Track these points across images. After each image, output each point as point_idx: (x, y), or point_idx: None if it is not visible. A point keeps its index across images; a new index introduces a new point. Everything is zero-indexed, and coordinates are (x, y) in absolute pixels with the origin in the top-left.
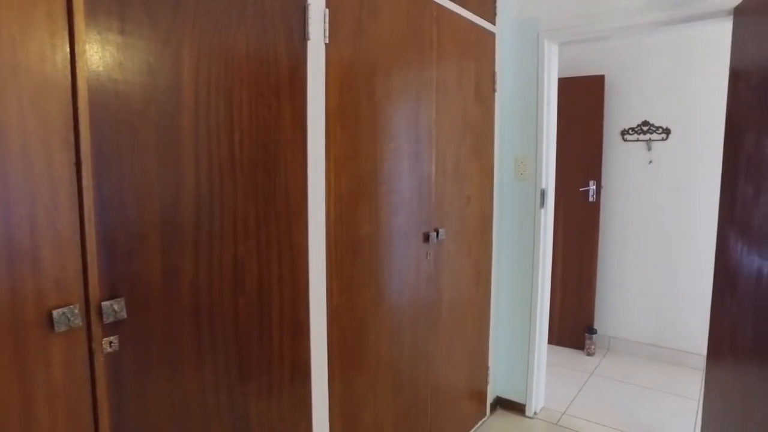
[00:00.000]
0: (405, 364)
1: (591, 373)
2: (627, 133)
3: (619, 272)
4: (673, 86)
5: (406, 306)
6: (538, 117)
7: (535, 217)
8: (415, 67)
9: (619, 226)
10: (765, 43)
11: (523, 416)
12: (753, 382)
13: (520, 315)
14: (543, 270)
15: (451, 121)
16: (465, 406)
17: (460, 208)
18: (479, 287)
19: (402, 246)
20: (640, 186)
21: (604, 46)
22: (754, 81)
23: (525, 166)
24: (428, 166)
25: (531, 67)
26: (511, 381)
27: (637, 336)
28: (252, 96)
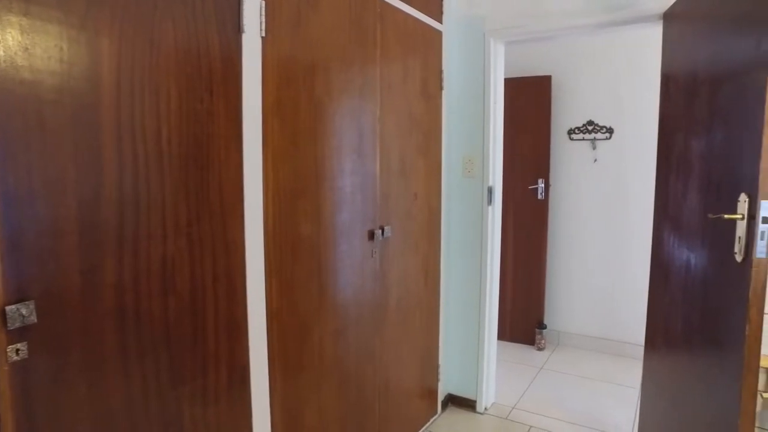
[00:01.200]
0: (351, 363)
1: (541, 368)
2: (573, 133)
3: (568, 268)
4: (616, 87)
5: (351, 304)
6: (485, 115)
7: (483, 214)
8: (358, 64)
9: (566, 223)
10: (690, 48)
11: (474, 412)
12: (681, 364)
13: (469, 312)
14: (491, 266)
15: (396, 118)
16: (415, 404)
17: (406, 206)
18: (428, 285)
19: (346, 244)
20: (586, 184)
21: (552, 48)
22: (681, 84)
23: (473, 163)
24: (372, 163)
25: (478, 65)
26: (462, 378)
27: (585, 330)
28: (182, 89)
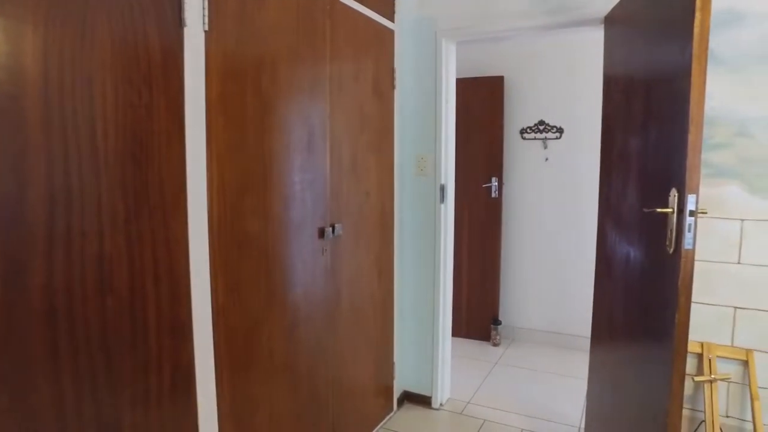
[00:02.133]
0: (303, 362)
1: (495, 363)
2: (525, 132)
3: (522, 265)
4: (566, 88)
5: (302, 302)
6: (437, 114)
7: (436, 212)
8: (308, 60)
9: (520, 220)
10: (627, 51)
11: (430, 408)
12: (622, 353)
13: (424, 309)
14: (445, 264)
15: (347, 116)
16: (371, 402)
17: (358, 204)
18: (381, 282)
19: (296, 241)
20: (538, 182)
21: (504, 49)
22: (621, 85)
23: (425, 162)
24: (323, 160)
25: (430, 65)
26: (418, 375)
27: (539, 325)
28: (118, 82)
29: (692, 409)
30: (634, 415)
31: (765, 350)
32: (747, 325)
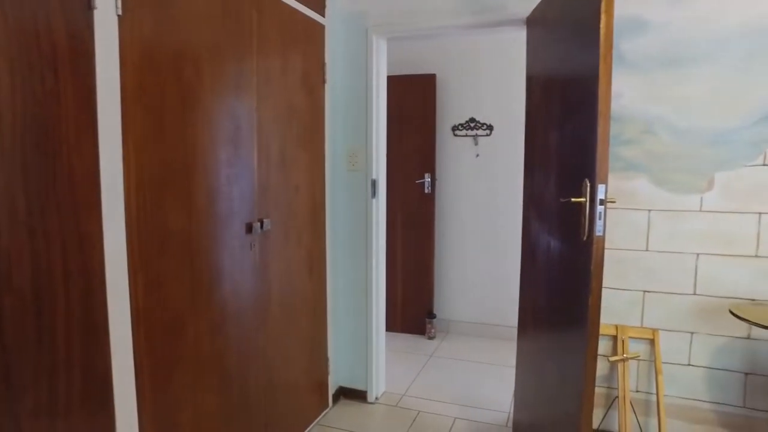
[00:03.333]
0: (232, 360)
1: (430, 356)
2: (457, 129)
3: (455, 258)
4: (495, 86)
5: (230, 299)
6: (368, 110)
7: (368, 206)
8: (233, 52)
9: (453, 215)
10: (546, 51)
11: (366, 403)
12: (545, 337)
13: (357, 304)
14: (377, 258)
15: (275, 109)
16: (305, 399)
17: (288, 198)
18: (313, 277)
19: (222, 237)
20: (469, 178)
21: (436, 47)
22: (541, 83)
23: (356, 157)
24: (250, 154)
25: (361, 60)
26: (353, 370)
27: (472, 317)
28: (16, 66)
29: (608, 387)
30: (556, 395)
31: (668, 329)
32: (654, 307)
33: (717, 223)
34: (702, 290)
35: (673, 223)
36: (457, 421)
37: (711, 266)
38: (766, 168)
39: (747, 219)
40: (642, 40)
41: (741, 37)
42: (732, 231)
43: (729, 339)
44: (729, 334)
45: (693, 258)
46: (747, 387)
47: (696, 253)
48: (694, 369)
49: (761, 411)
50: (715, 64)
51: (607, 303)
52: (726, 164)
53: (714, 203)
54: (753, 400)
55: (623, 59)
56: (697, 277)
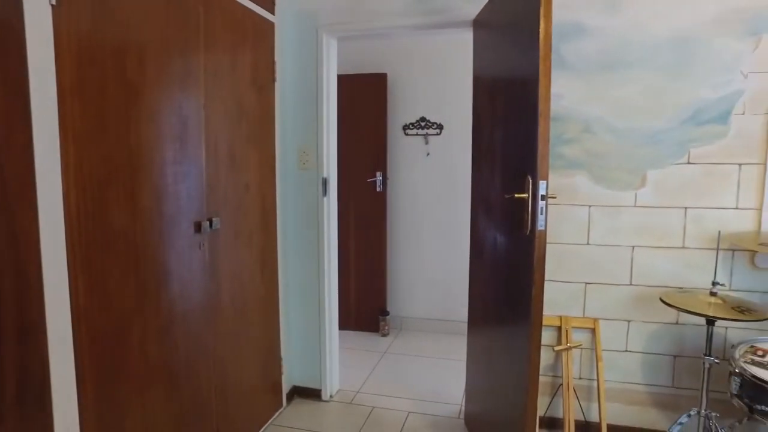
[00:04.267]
0: (181, 362)
1: (384, 352)
2: (408, 128)
3: (407, 256)
4: (445, 86)
5: (178, 300)
6: (318, 108)
7: (319, 205)
8: (179, 47)
9: (404, 213)
10: (491, 53)
11: (320, 401)
12: (493, 329)
13: (310, 303)
14: (329, 257)
15: (223, 107)
16: (259, 400)
17: (237, 197)
18: (265, 277)
19: (170, 236)
20: (420, 176)
21: (388, 47)
22: (487, 84)
23: (307, 155)
24: (198, 152)
25: (311, 59)
26: (307, 369)
27: (425, 313)
28: None
29: (554, 375)
30: (504, 385)
31: (607, 318)
32: (595, 297)
33: (649, 218)
34: (637, 281)
35: (611, 218)
36: (411, 415)
37: (645, 258)
38: (691, 166)
39: (675, 213)
40: (581, 45)
41: (669, 45)
42: (662, 225)
43: (660, 325)
44: (660, 320)
45: (629, 251)
46: (675, 368)
47: (632, 246)
48: (631, 354)
49: (686, 389)
50: (647, 68)
51: (552, 295)
52: (657, 162)
53: (647, 199)
54: (680, 380)
55: (564, 62)
56: (632, 268)
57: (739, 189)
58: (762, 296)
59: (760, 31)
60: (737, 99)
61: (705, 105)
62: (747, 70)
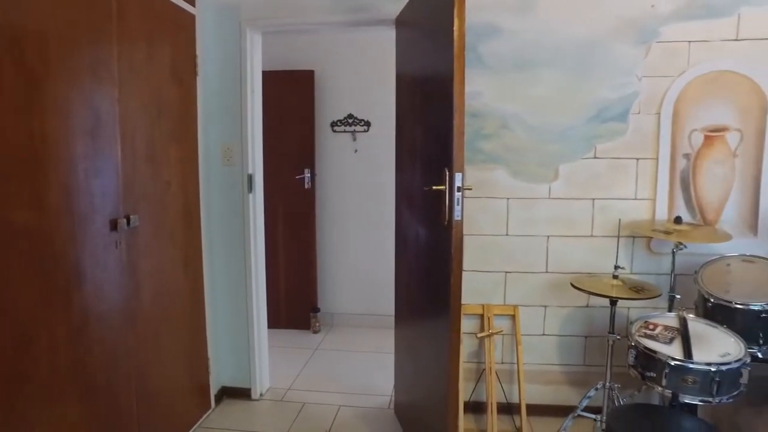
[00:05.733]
0: (97, 366)
1: (315, 349)
2: (336, 125)
3: (337, 252)
4: (372, 83)
5: (93, 301)
6: (243, 104)
7: (245, 202)
8: (88, 36)
9: (333, 209)
10: (412, 51)
11: (250, 400)
12: (418, 320)
13: (237, 301)
14: (256, 254)
15: (141, 101)
16: (184, 402)
17: (158, 194)
18: (189, 276)
19: (82, 234)
20: (348, 173)
21: (315, 43)
22: (408, 81)
23: (232, 152)
24: (112, 147)
25: (234, 54)
26: (236, 368)
27: (356, 309)
28: None
29: (478, 362)
30: (430, 374)
31: (526, 305)
32: (514, 285)
33: (562, 209)
34: (552, 268)
35: (527, 209)
36: (342, 409)
37: (559, 246)
38: (597, 160)
39: (584, 204)
40: (498, 45)
41: (576, 48)
42: (573, 215)
43: (573, 309)
44: (573, 304)
45: (544, 240)
46: (586, 348)
47: (547, 236)
48: (548, 338)
49: (595, 366)
50: (557, 69)
51: (475, 285)
52: (567, 157)
53: (559, 191)
54: (590, 358)
55: (482, 62)
56: (548, 256)
57: (637, 181)
58: (657, 277)
59: (649, 40)
60: (634, 100)
61: (607, 104)
62: (641, 74)
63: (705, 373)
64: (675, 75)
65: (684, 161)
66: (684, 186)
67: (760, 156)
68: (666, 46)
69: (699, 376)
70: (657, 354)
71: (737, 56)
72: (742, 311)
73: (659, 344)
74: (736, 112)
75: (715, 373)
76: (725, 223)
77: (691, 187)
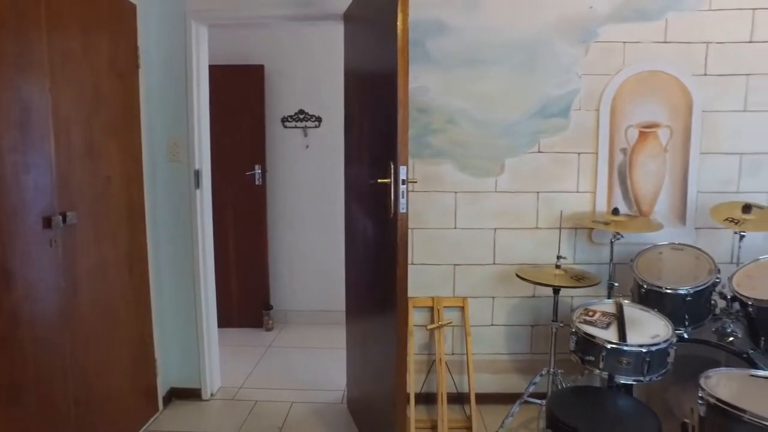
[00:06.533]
0: (30, 371)
1: (268, 347)
2: (287, 121)
3: (290, 249)
4: (323, 79)
5: (23, 303)
6: (188, 99)
7: (192, 198)
8: (11, 23)
9: (285, 206)
10: (358, 45)
11: (200, 401)
12: (367, 314)
13: (186, 300)
14: (204, 252)
15: (76, 93)
16: (130, 406)
17: (97, 190)
18: (133, 275)
19: (11, 232)
20: (300, 169)
21: (265, 37)
22: (355, 76)
23: (178, 147)
24: (45, 141)
25: (179, 47)
26: (185, 369)
27: (310, 305)
28: None
29: (429, 353)
30: (380, 366)
31: (475, 296)
32: (463, 278)
33: (508, 202)
34: (499, 260)
35: (475, 203)
36: (295, 405)
37: (505, 239)
38: (541, 155)
39: (529, 197)
40: (445, 42)
41: (520, 45)
42: (519, 208)
43: (520, 299)
44: (520, 295)
45: (491, 233)
46: (533, 336)
47: (494, 229)
48: (496, 328)
49: (542, 354)
50: (503, 66)
51: (425, 278)
52: (512, 151)
53: (505, 185)
54: (537, 347)
55: (429, 57)
56: (495, 249)
57: (579, 175)
58: (598, 267)
59: (588, 40)
60: (575, 96)
61: (550, 101)
62: (581, 72)
63: (637, 354)
64: (612, 73)
65: (621, 156)
66: (621, 179)
67: (687, 151)
68: (604, 45)
69: (632, 357)
70: (595, 339)
71: (666, 57)
72: (671, 295)
73: (597, 329)
74: (666, 110)
75: (645, 353)
76: (658, 214)
77: (627, 180)
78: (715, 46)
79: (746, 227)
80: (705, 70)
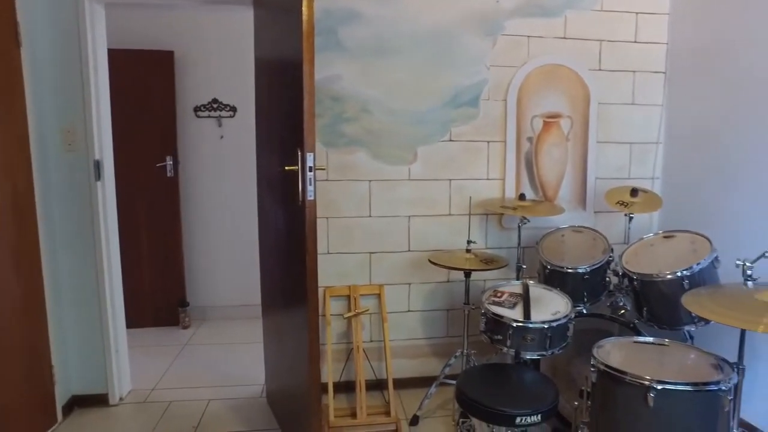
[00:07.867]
0: None
1: (185, 345)
2: (200, 110)
3: (207, 243)
4: (238, 66)
5: None
6: (84, 83)
7: (92, 191)
8: None
9: (200, 198)
10: (267, 32)
11: (107, 406)
12: (281, 305)
13: (88, 301)
14: (108, 248)
15: None
16: (22, 419)
17: None
18: (22, 276)
19: None
20: (215, 160)
21: (175, 22)
22: (265, 64)
23: (74, 135)
24: None
25: (72, 26)
26: (90, 374)
27: (229, 300)
28: None
29: (347, 342)
30: (294, 357)
31: (391, 283)
32: (379, 265)
33: (421, 190)
34: (414, 247)
35: (389, 191)
36: (212, 402)
37: (420, 226)
38: (452, 143)
39: (441, 185)
40: (358, 30)
41: (432, 36)
42: (432, 195)
43: (436, 284)
44: (435, 280)
45: (406, 220)
46: (448, 320)
47: (408, 216)
48: (413, 314)
49: (457, 336)
50: (415, 56)
51: (341, 267)
52: (425, 140)
53: (418, 173)
54: (452, 330)
55: (343, 46)
56: (410, 236)
57: (489, 162)
58: (508, 251)
59: (496, 33)
60: (484, 86)
61: (461, 90)
62: (489, 63)
63: (540, 330)
64: (518, 65)
65: (528, 144)
66: (528, 166)
67: (586, 140)
68: (510, 39)
69: (536, 333)
70: (503, 318)
71: (566, 52)
72: (571, 275)
73: (505, 309)
74: (567, 101)
75: (547, 329)
76: (562, 200)
77: (534, 167)
78: (607, 44)
79: (633, 209)
80: (599, 65)
